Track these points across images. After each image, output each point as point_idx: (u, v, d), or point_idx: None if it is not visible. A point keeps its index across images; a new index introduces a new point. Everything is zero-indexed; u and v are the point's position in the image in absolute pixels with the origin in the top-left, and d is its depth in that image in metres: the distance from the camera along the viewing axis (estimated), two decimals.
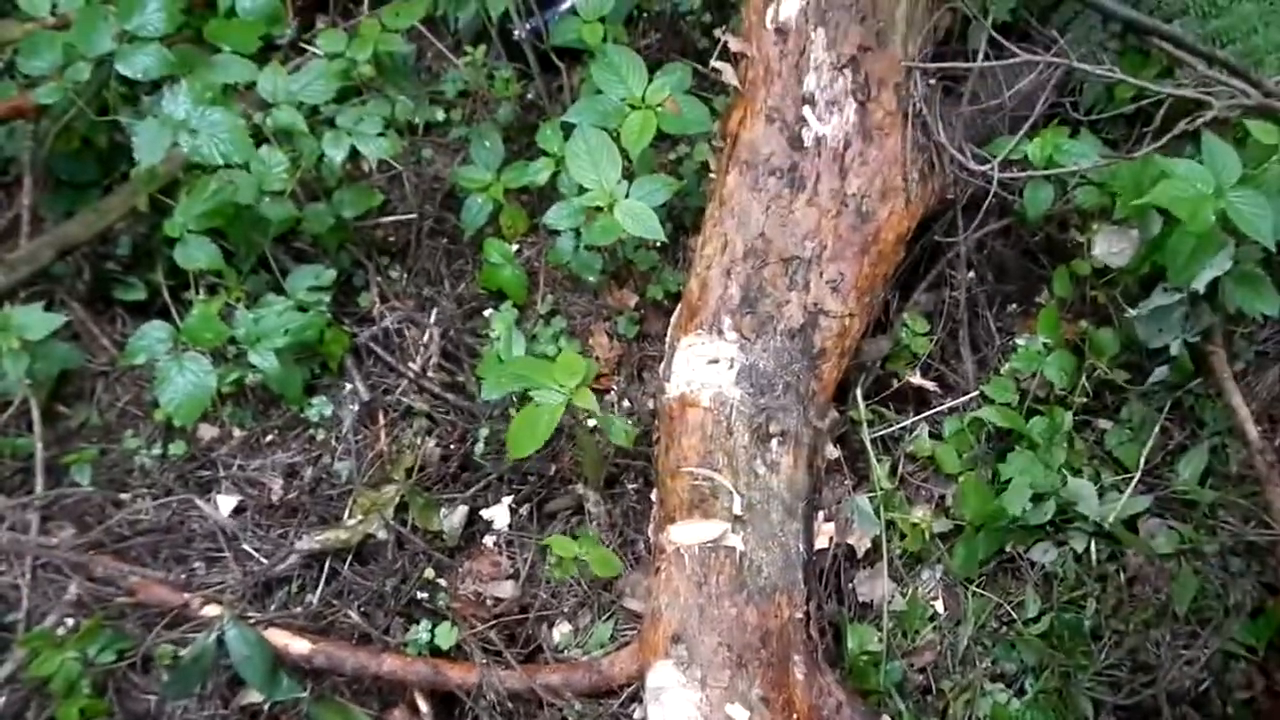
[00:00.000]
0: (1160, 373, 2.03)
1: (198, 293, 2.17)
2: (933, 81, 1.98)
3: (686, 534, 1.74)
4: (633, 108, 2.00)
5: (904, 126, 1.94)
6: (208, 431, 2.21)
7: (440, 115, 2.43)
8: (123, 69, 1.96)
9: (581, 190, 2.00)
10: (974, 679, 1.87)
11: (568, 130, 2.05)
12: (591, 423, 2.01)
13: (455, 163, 2.40)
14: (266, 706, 1.90)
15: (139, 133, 1.94)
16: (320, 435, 2.20)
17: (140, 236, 2.28)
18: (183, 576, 2.02)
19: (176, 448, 2.17)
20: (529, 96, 2.48)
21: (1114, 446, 2.05)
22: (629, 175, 2.00)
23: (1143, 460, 2.00)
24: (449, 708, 1.92)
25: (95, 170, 2.31)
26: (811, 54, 1.93)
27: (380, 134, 2.12)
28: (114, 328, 2.31)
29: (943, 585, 1.99)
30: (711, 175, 2.10)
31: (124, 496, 2.12)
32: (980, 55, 1.94)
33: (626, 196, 1.98)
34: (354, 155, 2.15)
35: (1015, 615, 1.94)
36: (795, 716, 1.65)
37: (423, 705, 1.90)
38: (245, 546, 2.05)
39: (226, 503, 2.12)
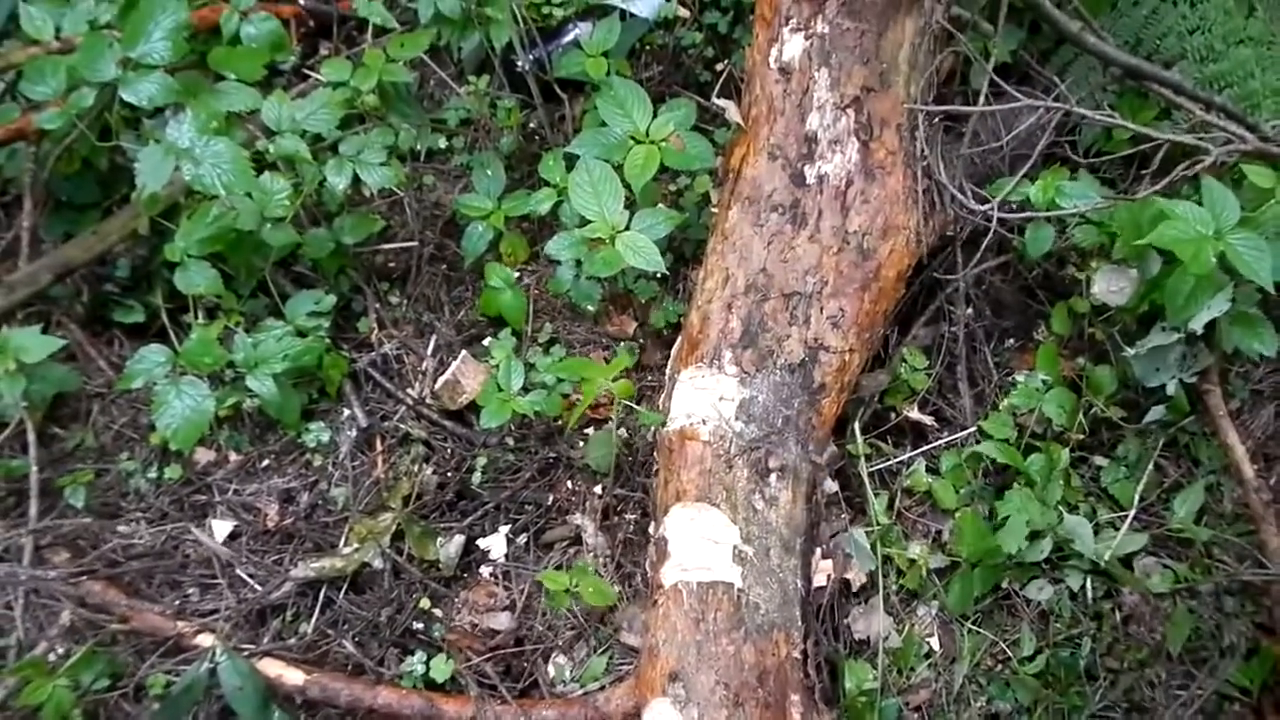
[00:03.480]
0: (1157, 411, 2.04)
1: (196, 316, 2.17)
2: (934, 122, 1.99)
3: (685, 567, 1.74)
4: (636, 141, 2.01)
5: (906, 166, 1.95)
6: (204, 455, 2.20)
7: (442, 143, 2.44)
8: (127, 96, 1.95)
9: (583, 221, 2.01)
10: (969, 718, 1.87)
11: (570, 161, 2.06)
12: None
13: (456, 190, 2.40)
14: None
15: (142, 159, 1.93)
16: (317, 461, 2.19)
17: (140, 259, 2.28)
18: (176, 603, 2.01)
19: (172, 471, 2.16)
20: (531, 126, 2.49)
21: (1110, 484, 2.05)
22: (630, 207, 2.01)
23: (1138, 498, 2.01)
24: None
25: (95, 192, 2.31)
26: (815, 93, 1.95)
27: (383, 163, 2.12)
28: (111, 350, 2.30)
29: (939, 622, 1.99)
30: (713, 208, 2.11)
31: (119, 525, 2.11)
32: (981, 98, 1.96)
33: (628, 228, 1.99)
34: (356, 182, 2.15)
35: (1011, 653, 1.94)
36: None
37: None
38: (240, 573, 2.04)
39: (221, 528, 2.11)
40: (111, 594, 1.97)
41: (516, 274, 2.31)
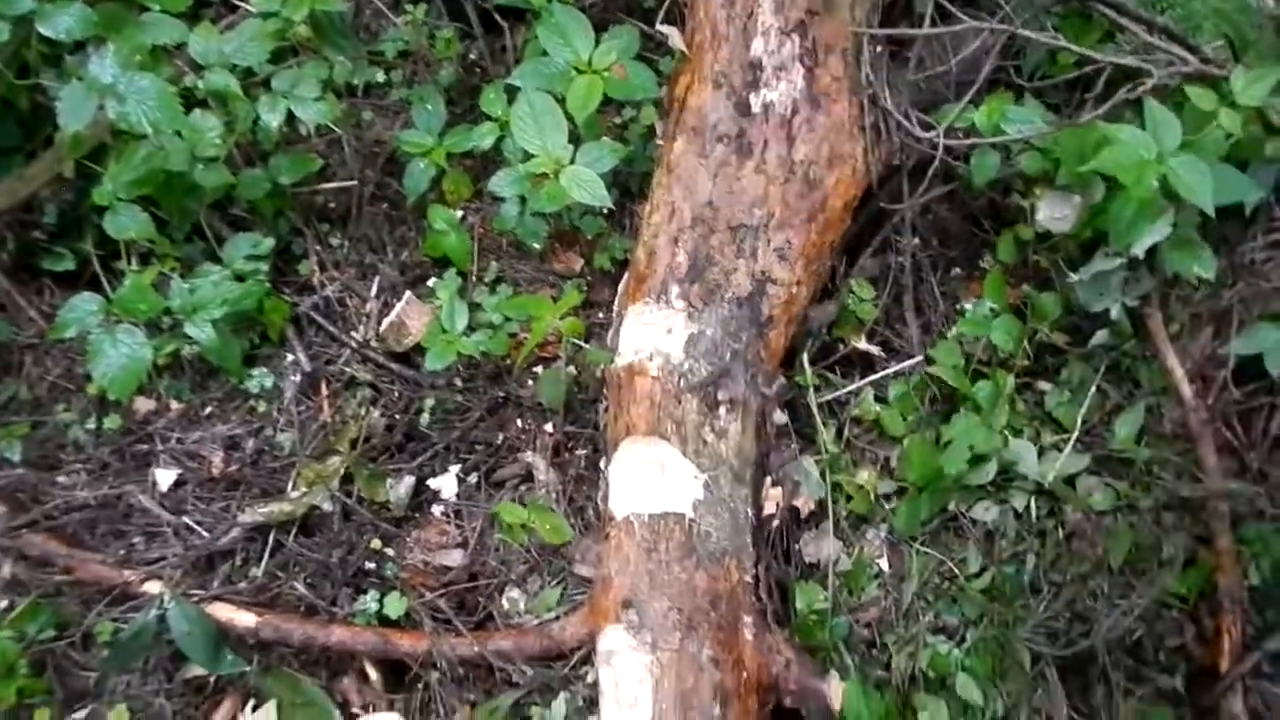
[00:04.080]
0: (1100, 336, 2.07)
1: (130, 262, 2.10)
2: (879, 47, 1.97)
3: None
4: (579, 71, 1.97)
5: (851, 93, 1.94)
6: (144, 405, 2.15)
7: (380, 76, 2.36)
8: (44, 29, 1.86)
9: (527, 156, 1.97)
10: (917, 632, 1.92)
11: (511, 93, 2.01)
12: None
13: (396, 126, 2.34)
14: (213, 679, 1.88)
15: (63, 97, 1.85)
16: (261, 407, 2.15)
17: (67, 204, 2.19)
18: (121, 553, 1.97)
19: (111, 421, 2.11)
20: (471, 57, 2.41)
21: (1054, 408, 2.09)
22: (575, 140, 1.97)
23: (1081, 420, 2.05)
24: (399, 675, 1.92)
25: (17, 135, 2.20)
26: (759, 17, 1.92)
27: (318, 98, 2.06)
28: (42, 299, 2.22)
29: (888, 544, 2.03)
30: (658, 140, 2.08)
31: (59, 477, 2.06)
32: (927, 21, 1.94)
33: (572, 162, 1.96)
34: (291, 119, 2.08)
35: (958, 571, 1.98)
36: (745, 675, 1.68)
37: (372, 674, 1.90)
38: (186, 521, 2.01)
39: (165, 477, 2.07)
40: (53, 545, 1.93)
41: (460, 213, 2.27)
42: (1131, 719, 1.87)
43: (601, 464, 1.98)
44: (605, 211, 2.20)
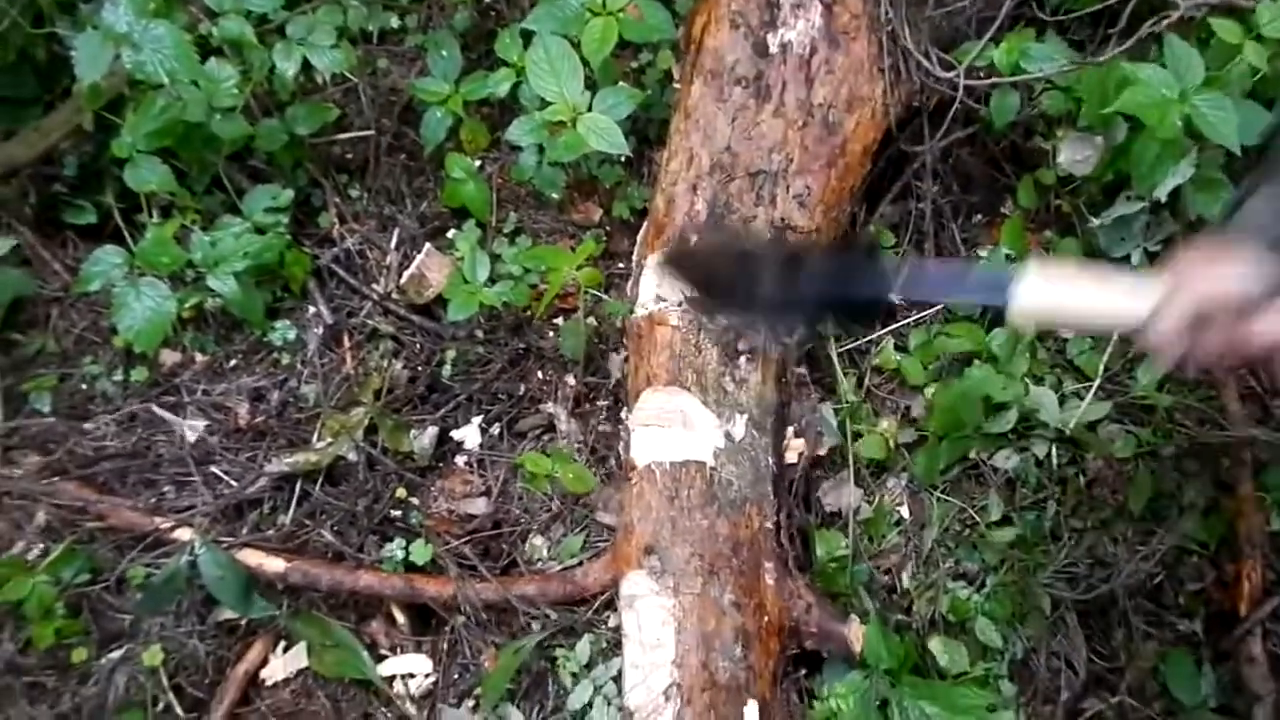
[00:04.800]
0: None
1: (151, 215, 2.11)
2: None
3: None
4: (593, 13, 1.94)
5: (870, 31, 1.91)
6: (170, 357, 2.18)
7: (395, 22, 2.34)
8: None
9: (544, 103, 1.96)
10: (938, 578, 1.93)
11: (527, 38, 1.99)
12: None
13: (412, 74, 2.32)
14: (244, 621, 1.92)
15: (79, 46, 1.84)
16: (285, 359, 2.17)
17: (87, 156, 2.20)
18: (152, 501, 2.01)
19: (138, 373, 2.14)
20: (485, 1, 2.39)
21: (1075, 355, 2.07)
22: (591, 86, 1.96)
23: (1103, 368, 2.03)
24: (426, 619, 1.96)
25: (35, 86, 2.21)
26: None
27: (333, 45, 2.05)
28: (66, 252, 2.24)
29: (908, 492, 2.03)
30: (675, 85, 2.05)
31: (88, 426, 2.10)
32: None
33: (590, 109, 1.94)
34: (307, 68, 2.08)
35: (978, 519, 1.99)
36: (766, 618, 1.70)
37: (400, 617, 1.93)
38: (214, 470, 2.04)
39: (193, 427, 2.10)
40: (86, 493, 1.97)
41: (478, 162, 2.26)
42: (1151, 661, 1.88)
43: (623, 414, 1.99)
44: (623, 160, 2.18)
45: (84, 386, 2.14)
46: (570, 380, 2.13)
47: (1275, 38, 1.75)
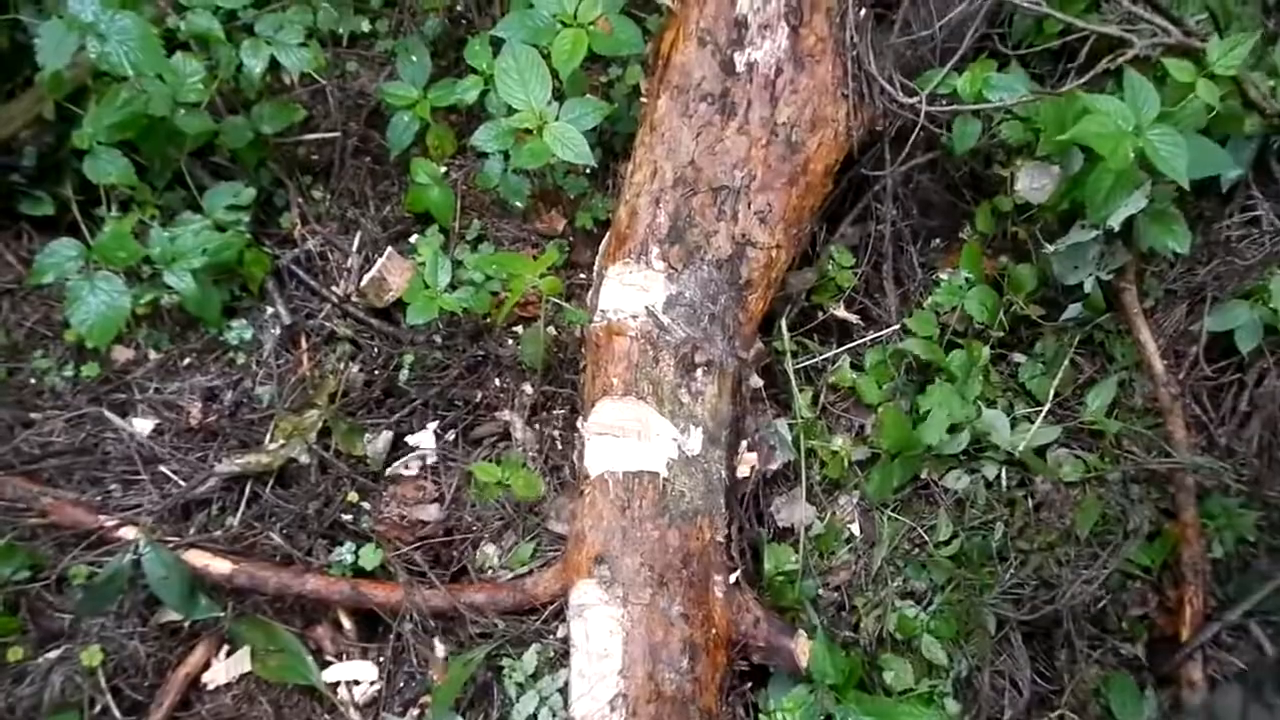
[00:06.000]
0: (1074, 309, 2.09)
1: (109, 209, 2.09)
2: (864, 10, 1.97)
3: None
4: (564, 25, 1.95)
5: (835, 55, 1.93)
6: (122, 354, 2.15)
7: (365, 26, 2.35)
8: None
9: (510, 111, 1.96)
10: (886, 596, 1.95)
11: (497, 46, 2.00)
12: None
13: (381, 78, 2.32)
14: (187, 624, 1.89)
15: (43, 35, 1.83)
16: (240, 359, 2.15)
17: (47, 147, 2.17)
18: (98, 499, 1.98)
19: (89, 369, 2.11)
20: (458, 8, 2.39)
21: (1027, 379, 2.11)
22: (559, 96, 1.97)
23: (1053, 392, 2.07)
24: (373, 626, 1.94)
25: None
26: None
27: (302, 44, 2.04)
28: (20, 244, 2.21)
29: (859, 510, 2.05)
30: (643, 99, 2.07)
31: (35, 417, 2.06)
32: None
33: (556, 119, 1.95)
34: (274, 66, 2.07)
35: (927, 538, 2.01)
36: (714, 631, 1.70)
37: (346, 623, 1.91)
38: (163, 469, 2.02)
39: (143, 425, 2.07)
40: (29, 488, 1.93)
41: (444, 168, 2.26)
42: (1093, 684, 1.91)
43: (578, 423, 1.99)
44: (588, 171, 2.19)
45: (33, 381, 2.11)
46: (528, 388, 2.13)
47: (1225, 73, 1.80)
